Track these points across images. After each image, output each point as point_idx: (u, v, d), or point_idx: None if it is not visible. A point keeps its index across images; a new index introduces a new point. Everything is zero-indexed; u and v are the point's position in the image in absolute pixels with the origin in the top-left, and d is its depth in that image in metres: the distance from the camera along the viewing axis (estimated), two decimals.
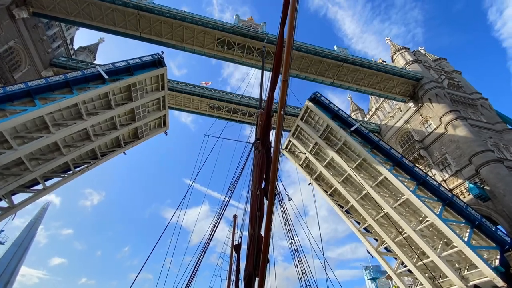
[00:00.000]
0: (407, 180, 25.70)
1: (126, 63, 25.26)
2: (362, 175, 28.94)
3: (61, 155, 24.54)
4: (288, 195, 15.47)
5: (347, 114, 29.30)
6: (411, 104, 38.38)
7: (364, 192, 29.58)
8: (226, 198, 12.96)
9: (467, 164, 29.13)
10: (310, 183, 35.93)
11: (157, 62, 27.26)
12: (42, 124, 22.33)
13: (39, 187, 25.14)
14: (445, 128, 32.25)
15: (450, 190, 27.87)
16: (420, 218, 26.77)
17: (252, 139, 16.02)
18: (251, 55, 34.38)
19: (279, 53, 5.56)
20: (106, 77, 23.21)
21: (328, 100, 30.10)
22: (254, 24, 34.05)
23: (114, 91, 25.22)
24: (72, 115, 23.88)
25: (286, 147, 36.48)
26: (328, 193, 33.99)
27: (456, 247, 23.28)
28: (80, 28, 42.75)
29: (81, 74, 22.64)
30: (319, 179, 34.96)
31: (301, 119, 32.22)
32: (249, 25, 33.65)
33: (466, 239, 22.25)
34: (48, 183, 25.54)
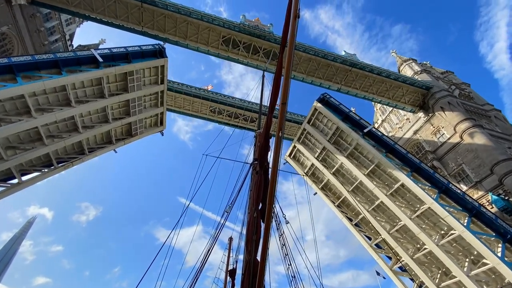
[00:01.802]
0: (427, 187, 23.20)
1: (124, 50, 23.45)
2: (375, 183, 26.37)
3: (43, 145, 21.82)
4: (285, 218, 14.92)
5: (358, 116, 27.33)
6: (421, 114, 36.80)
7: (377, 202, 26.88)
8: (222, 220, 12.50)
9: (488, 174, 26.86)
10: (316, 193, 33.20)
11: (158, 53, 25.55)
12: (24, 107, 19.91)
13: (14, 181, 22.14)
14: (461, 137, 30.33)
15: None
16: (443, 232, 23.90)
17: (250, 159, 16.17)
18: (257, 55, 33.05)
19: (278, 77, 5.55)
20: (100, 60, 21.22)
21: (338, 101, 28.29)
22: (261, 25, 33.08)
23: (108, 78, 23.13)
24: (59, 100, 21.54)
25: (290, 154, 34.09)
26: (336, 204, 31.12)
27: (487, 264, 20.38)
28: (81, 27, 41.73)
29: (73, 55, 20.63)
30: (326, 188, 32.23)
31: (308, 122, 30.15)
32: (256, 25, 32.64)
33: (499, 255, 19.41)
34: (24, 178, 22.56)
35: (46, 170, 23.38)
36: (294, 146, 33.07)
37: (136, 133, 29.22)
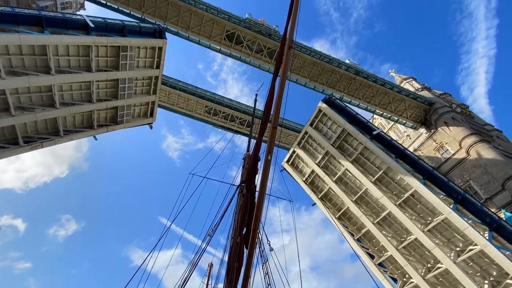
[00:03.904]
0: (441, 196, 21.11)
1: (120, 22, 21.37)
2: (382, 192, 24.09)
3: (9, 116, 18.56)
4: (270, 245, 14.45)
5: (366, 119, 25.72)
6: (422, 130, 35.90)
7: (383, 214, 24.41)
8: (203, 245, 12.07)
9: (499, 190, 25.28)
10: (314, 204, 30.44)
11: (157, 33, 23.61)
12: None
13: None
14: (467, 152, 29.13)
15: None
16: (458, 249, 21.44)
17: (238, 181, 15.75)
18: (260, 54, 31.82)
19: (269, 105, 5.81)
20: (92, 25, 18.91)
21: (344, 103, 26.78)
22: (267, 25, 32.28)
23: (98, 50, 20.69)
24: (36, 65, 18.73)
25: (289, 160, 31.70)
26: (336, 217, 28.31)
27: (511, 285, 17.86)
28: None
29: (61, 16, 18.30)
30: (326, 199, 29.57)
31: (311, 125, 28.24)
32: (261, 24, 31.78)
33: None
34: None
35: (8, 147, 19.80)
36: (294, 151, 30.78)
37: (122, 121, 26.23)
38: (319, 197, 29.51)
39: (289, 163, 31.73)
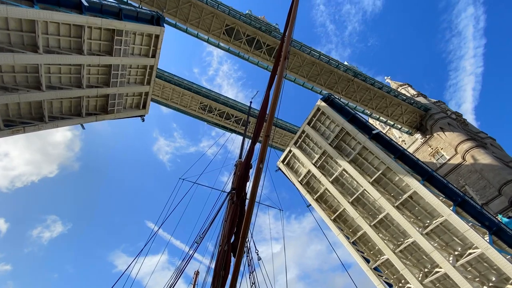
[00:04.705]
0: (441, 198, 20.65)
1: (117, 4, 20.45)
2: (379, 193, 23.52)
3: None
4: (258, 254, 14.32)
5: (365, 119, 25.32)
6: (417, 136, 35.88)
7: (380, 216, 23.80)
8: (191, 251, 11.88)
9: (495, 196, 25.09)
10: (310, 205, 29.60)
11: (155, 20, 22.78)
12: None
13: None
14: (463, 157, 29.05)
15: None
16: (457, 253, 20.90)
17: (228, 188, 15.84)
18: (259, 50, 31.28)
19: (262, 118, 6.24)
20: (86, 4, 17.93)
21: (343, 103, 26.36)
22: (267, 22, 31.91)
23: (91, 32, 19.67)
24: (23, 43, 17.54)
25: (284, 160, 30.92)
26: (331, 218, 27.53)
27: None
28: None
29: None
30: (321, 200, 28.80)
31: (308, 124, 27.68)
32: (262, 21, 31.39)
33: None
34: None
35: None
36: (290, 151, 30.05)
37: (113, 110, 25.03)
38: (314, 198, 28.72)
39: (285, 163, 30.93)
